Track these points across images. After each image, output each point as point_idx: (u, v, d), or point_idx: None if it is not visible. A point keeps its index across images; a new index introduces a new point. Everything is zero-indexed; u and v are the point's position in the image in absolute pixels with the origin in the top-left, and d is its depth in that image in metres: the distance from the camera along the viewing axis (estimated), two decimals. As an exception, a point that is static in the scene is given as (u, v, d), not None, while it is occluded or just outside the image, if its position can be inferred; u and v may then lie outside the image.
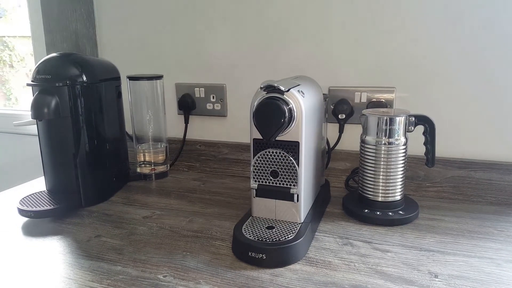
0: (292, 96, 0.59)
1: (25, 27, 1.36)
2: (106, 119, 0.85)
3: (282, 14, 0.91)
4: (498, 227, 0.70)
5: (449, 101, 0.82)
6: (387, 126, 0.71)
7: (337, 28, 0.87)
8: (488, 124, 0.81)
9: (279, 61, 0.94)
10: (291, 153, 0.62)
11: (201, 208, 0.81)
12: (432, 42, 0.81)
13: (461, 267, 0.57)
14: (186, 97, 1.03)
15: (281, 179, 0.63)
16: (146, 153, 0.99)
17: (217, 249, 0.64)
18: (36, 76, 0.76)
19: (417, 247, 0.63)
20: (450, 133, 0.83)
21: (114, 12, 1.09)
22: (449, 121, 0.82)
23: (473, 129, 0.82)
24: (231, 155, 1.02)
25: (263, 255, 0.58)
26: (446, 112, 0.82)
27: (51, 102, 0.75)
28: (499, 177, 0.80)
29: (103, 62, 0.89)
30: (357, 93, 0.88)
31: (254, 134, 0.63)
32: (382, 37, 0.85)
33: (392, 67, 0.85)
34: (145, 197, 0.87)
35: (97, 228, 0.72)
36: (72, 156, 0.79)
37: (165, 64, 1.05)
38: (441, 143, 0.77)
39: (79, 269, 0.58)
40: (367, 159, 0.74)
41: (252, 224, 0.65)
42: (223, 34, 0.98)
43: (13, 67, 1.63)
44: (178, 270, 0.58)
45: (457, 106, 0.82)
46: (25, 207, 0.74)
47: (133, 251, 0.63)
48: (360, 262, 0.59)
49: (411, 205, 0.75)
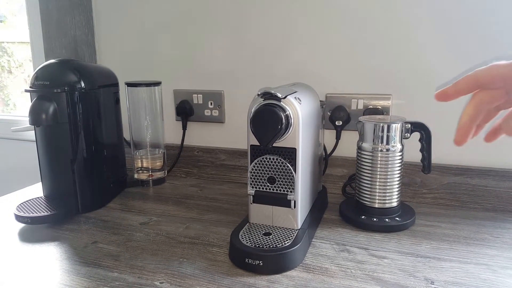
0: (289, 103, 0.60)
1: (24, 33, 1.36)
2: (104, 125, 0.85)
3: (280, 21, 0.92)
4: (494, 234, 0.70)
5: (445, 108, 0.82)
6: (384, 133, 0.71)
7: (334, 36, 0.88)
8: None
9: (276, 68, 0.95)
10: (288, 160, 0.62)
11: (198, 214, 0.81)
12: (428, 49, 0.82)
13: (457, 274, 0.57)
14: (184, 103, 1.04)
15: (278, 185, 0.64)
16: (144, 159, 0.99)
17: (214, 255, 0.64)
18: (34, 82, 0.77)
19: (414, 253, 0.63)
20: (446, 140, 0.83)
21: (113, 19, 1.09)
22: (445, 128, 0.83)
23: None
24: (228, 161, 1.02)
25: (260, 262, 0.58)
26: (442, 119, 0.83)
27: (49, 108, 0.75)
28: (495, 183, 0.81)
29: (101, 69, 0.89)
30: (354, 100, 0.89)
31: (251, 140, 0.64)
32: (379, 45, 0.85)
33: (389, 75, 0.86)
34: (142, 203, 0.87)
35: (94, 234, 0.72)
36: (70, 162, 0.79)
37: (163, 71, 1.06)
38: (438, 149, 0.77)
39: (76, 276, 0.58)
40: (364, 165, 0.74)
41: (249, 231, 0.65)
42: (221, 41, 0.99)
43: (12, 73, 1.64)
44: (174, 276, 0.58)
45: (453, 113, 0.82)
46: (22, 213, 0.74)
47: (130, 257, 0.63)
48: (356, 268, 0.59)
49: (408, 212, 0.76)
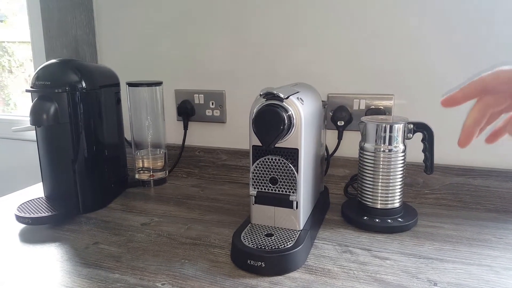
0: (291, 103, 0.60)
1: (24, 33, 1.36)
2: (105, 125, 0.85)
3: (281, 21, 0.92)
4: (497, 235, 0.70)
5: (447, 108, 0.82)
6: (386, 133, 0.71)
7: (336, 36, 0.88)
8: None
9: (278, 68, 0.94)
10: (290, 160, 0.62)
11: (199, 215, 0.81)
12: (430, 49, 0.82)
13: (460, 275, 0.57)
14: (186, 103, 1.04)
15: (280, 186, 0.63)
16: (145, 159, 0.99)
17: (216, 256, 0.63)
18: (35, 82, 0.76)
19: (416, 254, 0.63)
20: (448, 140, 0.83)
21: (114, 19, 1.09)
22: (448, 128, 0.82)
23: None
24: (230, 161, 1.02)
25: (262, 263, 0.57)
26: (445, 119, 0.83)
27: (50, 108, 0.75)
28: (498, 184, 0.80)
29: (102, 69, 0.89)
30: (356, 100, 0.89)
31: (253, 141, 0.63)
32: (381, 45, 0.85)
33: (391, 75, 0.86)
34: (143, 204, 0.87)
35: (95, 235, 0.72)
36: (71, 163, 0.79)
37: (165, 71, 1.06)
38: (440, 150, 0.77)
39: (77, 277, 0.58)
40: (366, 166, 0.74)
41: (251, 232, 0.64)
42: (222, 41, 0.98)
43: (12, 73, 1.63)
44: (176, 278, 0.57)
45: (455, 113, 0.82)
46: (22, 213, 0.74)
47: (131, 258, 0.63)
48: (359, 269, 0.59)
49: (410, 212, 0.75)
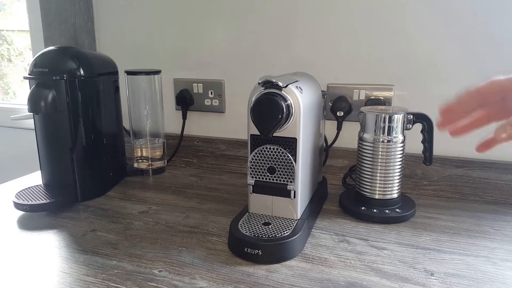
0: (290, 92, 0.59)
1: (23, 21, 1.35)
2: (103, 113, 0.85)
3: (281, 10, 0.91)
4: (494, 226, 0.70)
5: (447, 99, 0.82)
6: (385, 123, 0.71)
7: (337, 25, 0.87)
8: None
9: (277, 58, 0.94)
10: (289, 150, 0.62)
11: (197, 203, 0.81)
12: (431, 40, 0.81)
13: (457, 266, 0.57)
14: (184, 92, 1.03)
15: (278, 175, 0.63)
16: (144, 148, 0.99)
17: (213, 244, 0.63)
18: (33, 70, 0.76)
19: (414, 245, 0.63)
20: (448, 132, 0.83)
21: (113, 7, 1.08)
22: (448, 120, 0.82)
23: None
24: (228, 151, 1.01)
25: (259, 251, 0.57)
26: (445, 111, 0.82)
27: (48, 96, 0.74)
28: (497, 176, 0.80)
29: (101, 56, 0.88)
30: (356, 91, 0.88)
31: (251, 130, 0.63)
32: (381, 35, 0.84)
33: (391, 65, 0.85)
34: (141, 192, 0.87)
35: (93, 223, 0.72)
36: (69, 150, 0.79)
37: (163, 59, 1.05)
38: (439, 141, 0.76)
39: (74, 263, 0.58)
40: (365, 156, 0.73)
41: (248, 220, 0.64)
42: (221, 30, 0.97)
43: (11, 61, 1.63)
44: (173, 265, 0.57)
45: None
46: (21, 200, 0.74)
47: (128, 246, 0.63)
48: (356, 259, 0.59)
49: (408, 203, 0.75)
